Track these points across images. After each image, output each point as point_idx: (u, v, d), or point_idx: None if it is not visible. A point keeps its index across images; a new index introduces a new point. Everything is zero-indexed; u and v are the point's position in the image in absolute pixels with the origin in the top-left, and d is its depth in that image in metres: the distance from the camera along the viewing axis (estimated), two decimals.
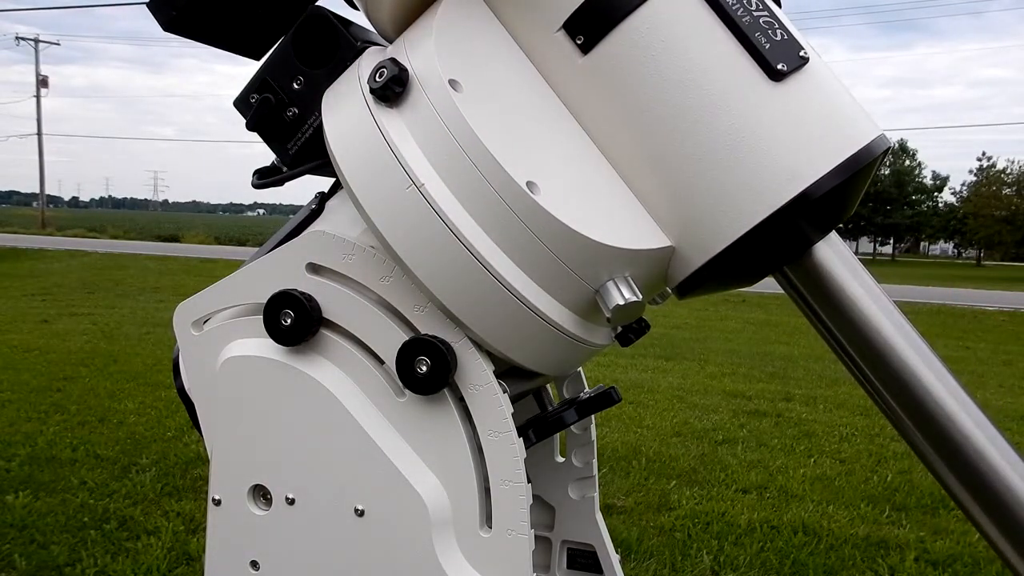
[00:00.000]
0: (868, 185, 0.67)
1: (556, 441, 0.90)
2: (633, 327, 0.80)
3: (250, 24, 0.73)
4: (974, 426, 0.61)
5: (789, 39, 0.62)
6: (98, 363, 6.42)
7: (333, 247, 0.67)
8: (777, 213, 0.60)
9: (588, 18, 0.63)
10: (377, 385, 0.67)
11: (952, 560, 3.29)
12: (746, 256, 0.62)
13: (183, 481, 3.77)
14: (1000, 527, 0.61)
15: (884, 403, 0.65)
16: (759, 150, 0.60)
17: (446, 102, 0.61)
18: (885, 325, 0.63)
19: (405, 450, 0.66)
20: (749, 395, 6.35)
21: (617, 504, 3.73)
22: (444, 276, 0.62)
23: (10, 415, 4.81)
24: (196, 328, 0.73)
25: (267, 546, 0.69)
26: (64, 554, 2.97)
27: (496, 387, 0.64)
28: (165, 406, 5.05)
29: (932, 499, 3.97)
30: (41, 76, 50.64)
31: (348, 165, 0.63)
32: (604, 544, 0.88)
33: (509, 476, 0.64)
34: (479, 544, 0.65)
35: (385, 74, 0.62)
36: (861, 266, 0.65)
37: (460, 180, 0.61)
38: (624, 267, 0.63)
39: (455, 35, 0.65)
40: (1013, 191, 53.81)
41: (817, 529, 3.54)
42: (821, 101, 0.62)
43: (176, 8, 0.69)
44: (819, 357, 8.05)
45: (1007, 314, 14.99)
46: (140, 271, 15.53)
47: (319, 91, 0.69)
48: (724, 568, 3.12)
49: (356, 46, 0.70)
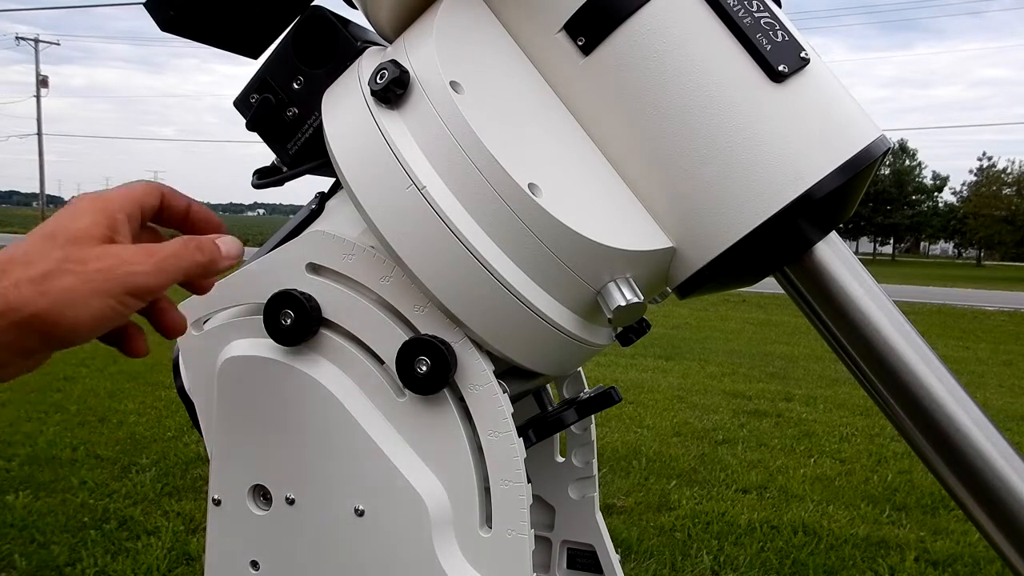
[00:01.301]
0: (868, 185, 0.67)
1: (556, 441, 0.90)
2: (633, 327, 0.81)
3: (248, 23, 0.72)
4: (974, 426, 0.62)
5: (790, 40, 0.62)
6: (98, 363, 6.43)
7: (333, 247, 0.67)
8: (779, 214, 0.60)
9: (589, 19, 0.63)
10: (377, 385, 0.67)
11: (952, 560, 3.29)
12: (747, 257, 0.62)
13: (183, 481, 3.78)
14: (1000, 527, 0.62)
15: (884, 403, 0.65)
16: (760, 151, 0.60)
17: (447, 104, 0.61)
18: (885, 325, 0.63)
19: (405, 450, 0.66)
20: (749, 395, 6.35)
21: (617, 504, 3.73)
22: (445, 277, 0.62)
23: (10, 415, 4.82)
24: (196, 328, 0.73)
25: (267, 546, 0.69)
26: (64, 554, 2.97)
27: (496, 387, 0.64)
28: (165, 406, 5.06)
29: (932, 499, 3.97)
30: (41, 76, 50.68)
31: (348, 166, 0.63)
32: (604, 544, 0.88)
33: (509, 476, 0.64)
34: (479, 544, 0.65)
35: (386, 76, 0.62)
36: (861, 266, 0.65)
37: (461, 182, 0.61)
38: (625, 268, 0.63)
39: (456, 36, 0.65)
40: (1013, 191, 53.83)
41: (817, 529, 3.54)
42: (822, 102, 0.62)
43: (173, 8, 0.69)
44: (819, 357, 8.06)
45: (1007, 314, 14.99)
46: None
47: (319, 91, 0.69)
48: (724, 568, 3.13)
49: (356, 46, 0.70)
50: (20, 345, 0.49)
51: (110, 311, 0.51)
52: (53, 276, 0.49)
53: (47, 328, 0.48)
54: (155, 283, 0.53)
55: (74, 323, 0.49)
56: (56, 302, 0.48)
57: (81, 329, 0.50)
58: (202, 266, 0.57)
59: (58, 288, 0.49)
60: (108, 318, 0.51)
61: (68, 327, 0.49)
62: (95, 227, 0.53)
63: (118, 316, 0.51)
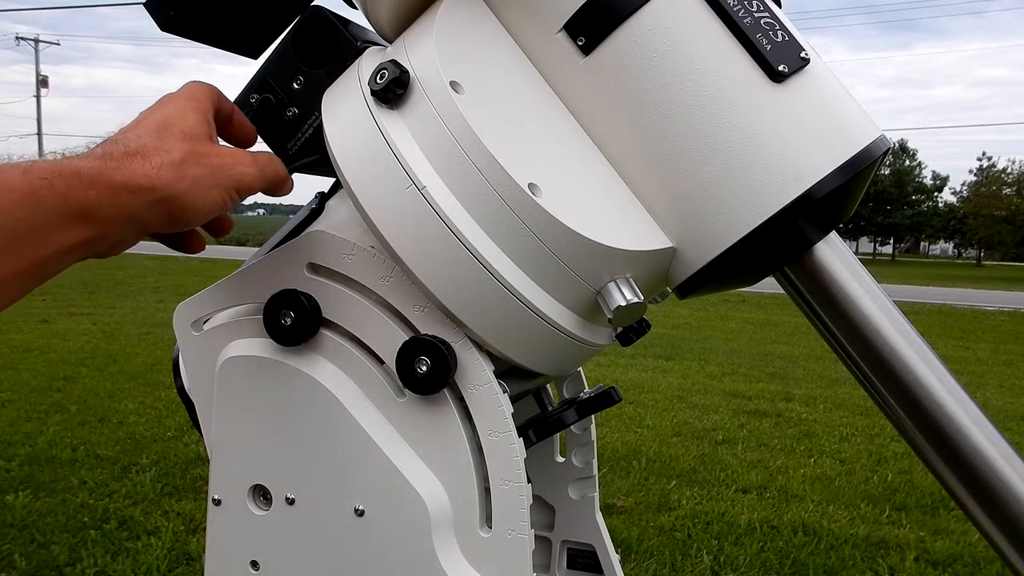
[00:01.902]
0: (868, 185, 0.67)
1: (556, 441, 0.90)
2: (634, 327, 0.80)
3: (248, 24, 0.73)
4: (974, 426, 0.62)
5: (790, 40, 0.62)
6: (98, 363, 6.43)
7: (333, 247, 0.67)
8: (779, 214, 0.60)
9: (589, 19, 0.63)
10: (377, 385, 0.67)
11: (952, 560, 3.29)
12: (747, 257, 0.62)
13: (183, 481, 3.78)
14: (1000, 527, 0.62)
15: (884, 403, 0.65)
16: (760, 151, 0.60)
17: (447, 104, 0.61)
18: (885, 325, 0.63)
19: (405, 450, 0.66)
20: (749, 395, 6.35)
21: (617, 504, 3.73)
22: (444, 277, 0.62)
23: (10, 415, 4.82)
24: (196, 328, 0.73)
25: (267, 546, 0.69)
26: (64, 554, 2.97)
27: (496, 387, 0.64)
28: (165, 406, 5.06)
29: (932, 499, 3.97)
30: (41, 76, 50.70)
31: (348, 166, 0.63)
32: (604, 544, 0.88)
33: (509, 476, 0.64)
34: (479, 544, 0.65)
35: (386, 76, 0.62)
36: (861, 266, 0.65)
37: (461, 182, 0.61)
38: (625, 268, 0.63)
39: (456, 36, 0.65)
40: (1013, 191, 53.83)
41: (817, 529, 3.54)
42: (822, 102, 0.62)
43: (173, 8, 0.69)
44: (819, 357, 8.06)
45: (1007, 314, 15.00)
46: (140, 271, 15.54)
47: (319, 91, 0.69)
48: (724, 568, 3.13)
49: (356, 46, 0.70)
50: (150, 222, 0.55)
51: (221, 202, 0.58)
52: (187, 165, 0.55)
53: (177, 210, 0.55)
54: (257, 184, 0.61)
55: (196, 208, 0.56)
56: (190, 188, 0.55)
57: (200, 214, 0.56)
58: (280, 181, 0.65)
59: (191, 176, 0.55)
60: (219, 208, 0.58)
61: (192, 211, 0.56)
62: (201, 125, 0.59)
63: (225, 207, 0.58)
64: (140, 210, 0.53)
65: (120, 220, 0.53)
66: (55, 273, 0.53)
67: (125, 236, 0.55)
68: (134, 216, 0.53)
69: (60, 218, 0.50)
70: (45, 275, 0.52)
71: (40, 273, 0.51)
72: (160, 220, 0.55)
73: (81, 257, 0.54)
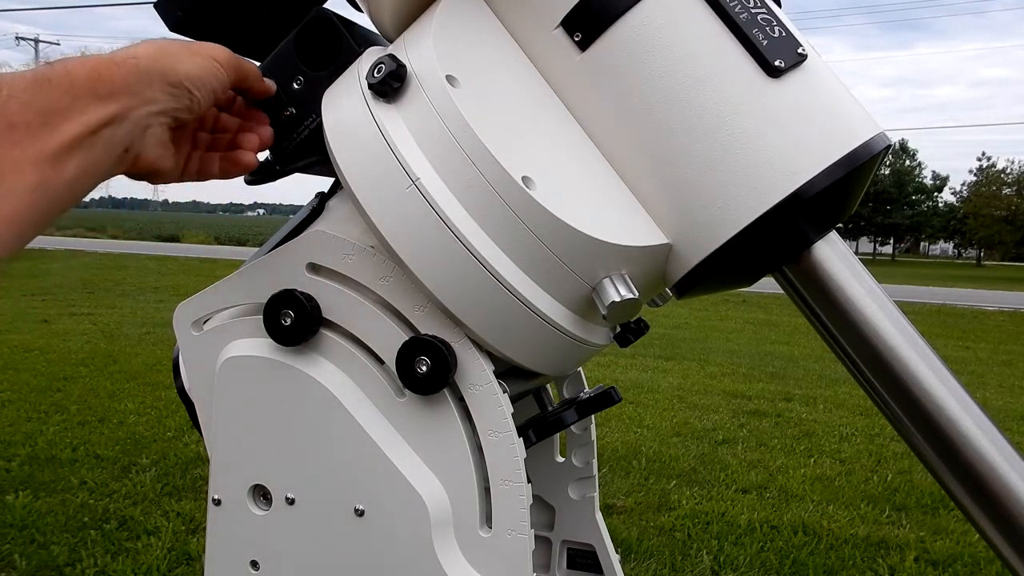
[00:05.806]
0: (868, 185, 0.67)
1: (556, 441, 0.90)
2: (632, 327, 0.80)
3: (257, 25, 0.73)
4: (974, 426, 0.61)
5: (787, 36, 0.62)
6: (98, 363, 6.42)
7: (333, 247, 0.67)
8: (773, 210, 0.59)
9: (586, 15, 0.63)
10: (377, 385, 0.67)
11: (952, 560, 3.29)
12: (743, 254, 0.62)
13: (183, 481, 3.77)
14: (1000, 527, 0.61)
15: (884, 403, 0.64)
16: (755, 147, 0.60)
17: (443, 98, 0.61)
18: (885, 325, 0.63)
19: (405, 450, 0.66)
20: (749, 395, 6.34)
21: (617, 504, 3.73)
22: (442, 274, 0.62)
23: (10, 415, 4.81)
24: (196, 328, 0.73)
25: (267, 546, 0.69)
26: (64, 554, 2.97)
27: (496, 387, 0.64)
28: (165, 406, 5.05)
29: (932, 499, 3.97)
30: None
31: (345, 160, 0.64)
32: (604, 544, 0.88)
33: (509, 476, 0.64)
34: (479, 544, 0.65)
35: (383, 69, 0.62)
36: (861, 266, 0.65)
37: (456, 175, 0.61)
38: (620, 264, 0.63)
39: (453, 32, 0.65)
40: (1013, 191, 53.79)
41: (817, 529, 3.54)
42: (819, 98, 0.62)
43: (183, 9, 0.70)
44: (819, 357, 8.05)
45: (1007, 314, 14.99)
46: (140, 271, 15.53)
47: (318, 93, 0.70)
48: (724, 568, 3.12)
49: (358, 50, 0.70)
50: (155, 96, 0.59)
51: (210, 68, 0.64)
52: (164, 46, 0.62)
53: (171, 74, 0.60)
54: (230, 59, 0.66)
55: (188, 73, 0.62)
56: (174, 57, 0.62)
57: (192, 77, 0.62)
58: (249, 72, 0.69)
59: (170, 51, 0.62)
60: (209, 73, 0.63)
61: (184, 75, 0.61)
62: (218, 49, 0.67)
63: (215, 76, 0.64)
64: (143, 80, 0.58)
65: (127, 93, 0.57)
66: (83, 170, 0.55)
67: (141, 116, 0.58)
68: (140, 83, 0.58)
69: (72, 97, 0.54)
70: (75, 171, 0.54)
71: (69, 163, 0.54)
72: (164, 93, 0.60)
73: (109, 155, 0.57)
